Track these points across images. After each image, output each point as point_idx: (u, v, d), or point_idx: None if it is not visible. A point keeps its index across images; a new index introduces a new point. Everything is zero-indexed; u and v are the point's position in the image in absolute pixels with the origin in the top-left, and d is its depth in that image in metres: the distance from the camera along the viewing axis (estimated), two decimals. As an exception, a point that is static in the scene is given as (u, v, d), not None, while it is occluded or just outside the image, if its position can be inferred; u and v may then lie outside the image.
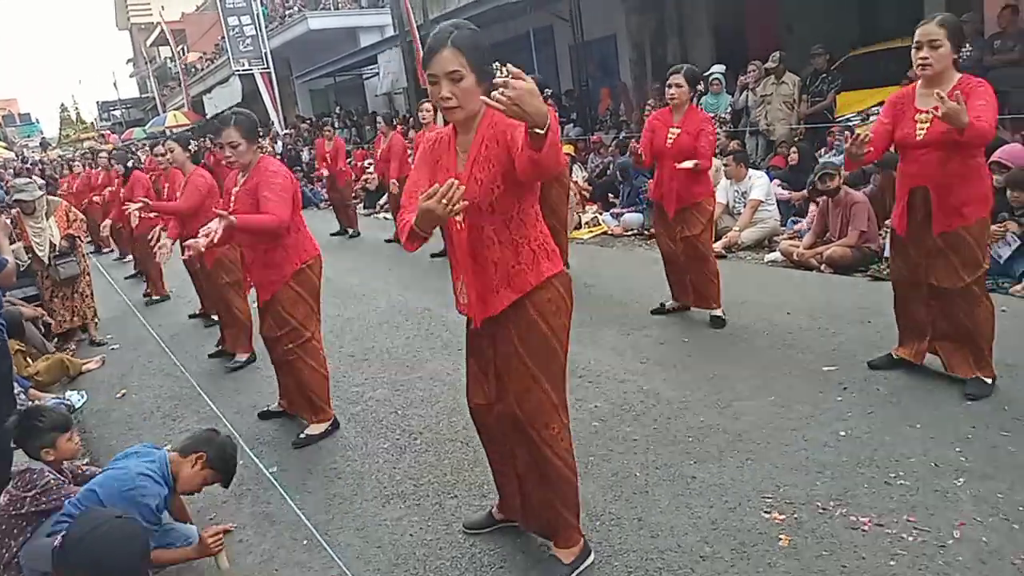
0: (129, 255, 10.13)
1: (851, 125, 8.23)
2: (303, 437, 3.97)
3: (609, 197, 9.32)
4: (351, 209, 10.82)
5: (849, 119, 8.44)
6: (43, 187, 7.18)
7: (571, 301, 2.49)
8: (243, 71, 22.24)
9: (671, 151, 4.75)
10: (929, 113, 3.36)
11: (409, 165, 8.91)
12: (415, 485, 3.40)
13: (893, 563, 2.49)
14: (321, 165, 10.72)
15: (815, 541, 2.65)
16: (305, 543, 3.08)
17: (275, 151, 16.49)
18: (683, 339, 4.79)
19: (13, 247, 6.16)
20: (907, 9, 10.42)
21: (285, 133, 20.56)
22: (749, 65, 9.60)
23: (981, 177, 3.47)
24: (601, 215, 8.88)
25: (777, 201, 7.37)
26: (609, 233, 8.45)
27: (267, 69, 22.06)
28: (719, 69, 10.05)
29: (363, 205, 12.90)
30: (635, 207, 8.48)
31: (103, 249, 12.32)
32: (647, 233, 8.01)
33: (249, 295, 5.18)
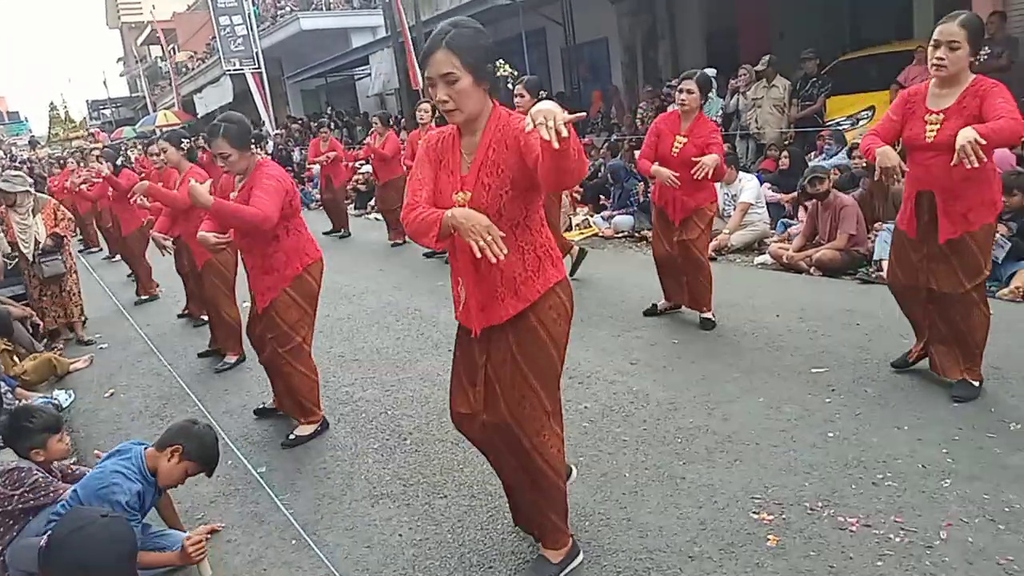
0: (118, 255, 10.06)
1: (840, 129, 8.29)
2: (292, 438, 3.95)
3: (600, 199, 9.34)
4: (343, 209, 10.81)
5: (839, 123, 8.50)
6: (32, 185, 7.12)
7: (572, 308, 2.45)
8: (234, 71, 22.14)
9: (676, 160, 4.67)
10: (940, 115, 3.27)
11: (401, 165, 8.91)
12: (404, 485, 3.40)
13: (880, 563, 2.50)
14: (312, 161, 10.91)
15: (803, 541, 2.66)
16: (294, 543, 3.07)
17: (266, 151, 16.44)
18: (673, 340, 4.81)
19: None
20: (896, 15, 10.54)
21: (276, 133, 20.50)
22: (740, 69, 9.65)
23: (989, 181, 3.34)
24: (592, 217, 8.90)
25: (767, 204, 7.41)
26: (600, 235, 8.47)
27: (258, 69, 21.97)
28: (710, 73, 10.07)
29: (354, 206, 12.89)
30: (626, 209, 8.50)
31: (91, 247, 12.27)
32: (638, 235, 8.05)
33: (240, 298, 5.17)
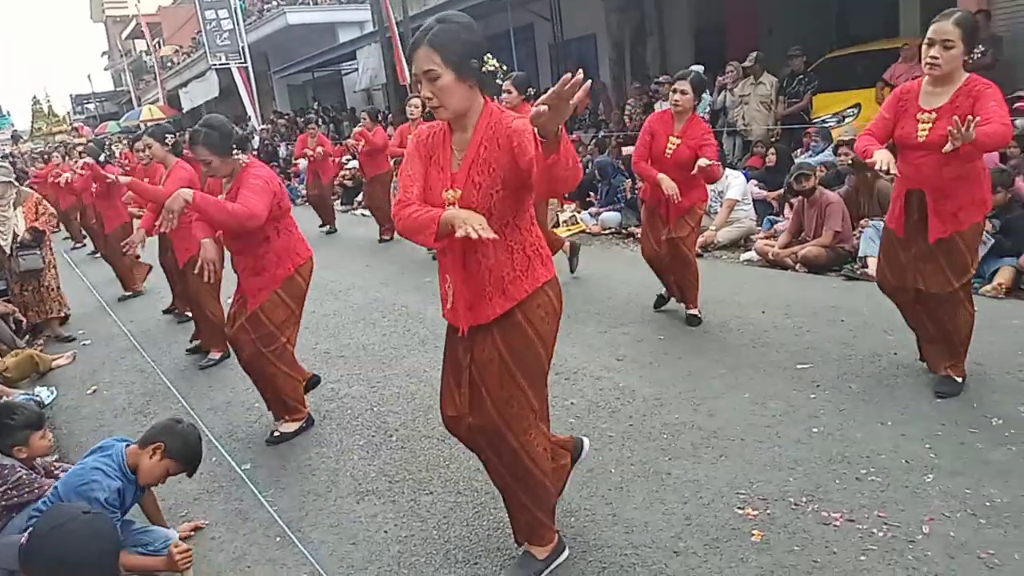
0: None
1: (827, 126, 8.33)
2: (277, 434, 3.93)
3: (588, 196, 9.34)
4: (330, 205, 10.78)
5: (825, 120, 8.54)
6: (14, 177, 7.03)
7: (561, 307, 2.44)
8: (220, 65, 21.95)
9: (669, 162, 4.66)
10: (932, 113, 3.26)
11: (388, 161, 8.86)
12: (390, 482, 3.38)
13: (864, 558, 2.52)
14: (299, 156, 11.04)
15: (787, 536, 2.67)
16: (278, 540, 3.05)
17: (252, 146, 16.34)
18: (659, 337, 4.81)
19: None
20: (883, 13, 10.59)
21: (262, 128, 20.37)
22: (728, 65, 9.67)
23: (980, 180, 3.35)
24: (579, 214, 8.90)
25: (753, 201, 7.43)
26: (587, 231, 8.47)
27: (244, 64, 21.78)
28: (698, 69, 10.09)
29: (340, 201, 12.84)
30: (613, 206, 8.51)
31: (75, 245, 12.12)
32: (625, 232, 8.05)
33: (223, 295, 5.13)
